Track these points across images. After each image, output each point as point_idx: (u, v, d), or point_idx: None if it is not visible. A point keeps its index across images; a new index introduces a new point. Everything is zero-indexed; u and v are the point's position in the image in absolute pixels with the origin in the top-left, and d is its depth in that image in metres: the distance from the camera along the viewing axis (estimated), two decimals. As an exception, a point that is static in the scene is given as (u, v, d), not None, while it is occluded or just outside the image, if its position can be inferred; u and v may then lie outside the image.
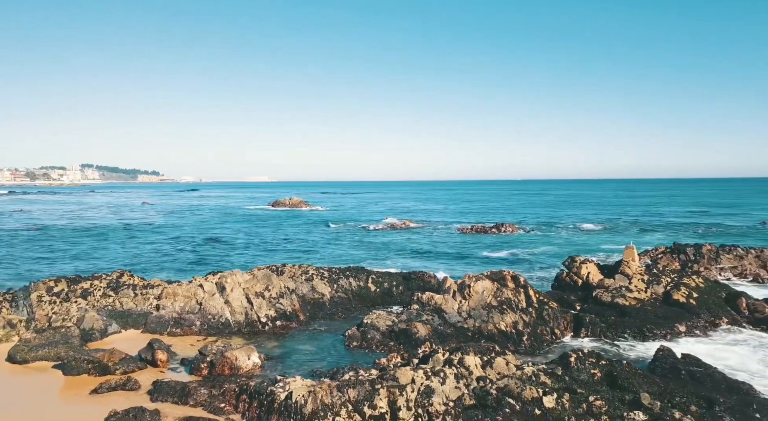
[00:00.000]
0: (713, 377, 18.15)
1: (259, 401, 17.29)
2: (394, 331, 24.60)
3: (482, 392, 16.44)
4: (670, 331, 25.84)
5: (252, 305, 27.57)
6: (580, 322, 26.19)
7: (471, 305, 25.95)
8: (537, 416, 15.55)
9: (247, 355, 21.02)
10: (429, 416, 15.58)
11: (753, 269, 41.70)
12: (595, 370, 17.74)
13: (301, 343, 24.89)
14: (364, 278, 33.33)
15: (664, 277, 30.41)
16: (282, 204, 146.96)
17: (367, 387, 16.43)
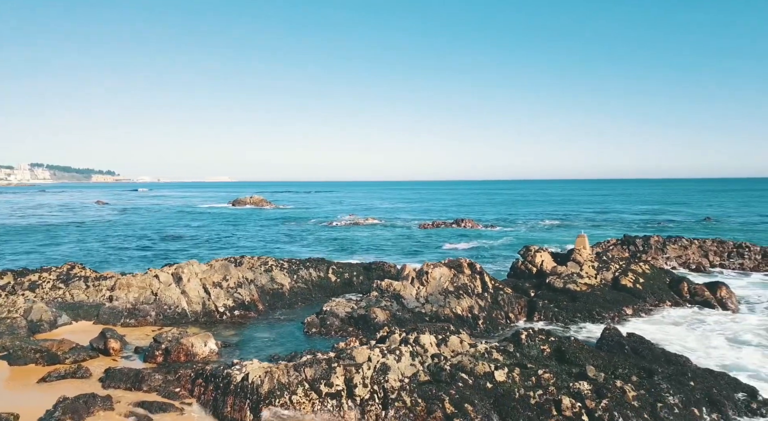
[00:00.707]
0: (654, 352, 19.16)
1: (215, 384, 17.19)
2: (353, 317, 24.83)
3: (436, 369, 16.86)
4: (617, 313, 27.03)
5: (209, 295, 27.26)
6: (534, 306, 27.07)
7: (429, 291, 26.45)
8: (488, 389, 16.08)
9: (204, 341, 20.83)
10: (384, 392, 15.87)
11: (696, 258, 43.93)
12: (545, 346, 18.44)
13: (260, 331, 24.81)
14: (325, 268, 33.41)
15: (613, 264, 31.74)
16: (243, 202, 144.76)
17: (323, 366, 16.60)
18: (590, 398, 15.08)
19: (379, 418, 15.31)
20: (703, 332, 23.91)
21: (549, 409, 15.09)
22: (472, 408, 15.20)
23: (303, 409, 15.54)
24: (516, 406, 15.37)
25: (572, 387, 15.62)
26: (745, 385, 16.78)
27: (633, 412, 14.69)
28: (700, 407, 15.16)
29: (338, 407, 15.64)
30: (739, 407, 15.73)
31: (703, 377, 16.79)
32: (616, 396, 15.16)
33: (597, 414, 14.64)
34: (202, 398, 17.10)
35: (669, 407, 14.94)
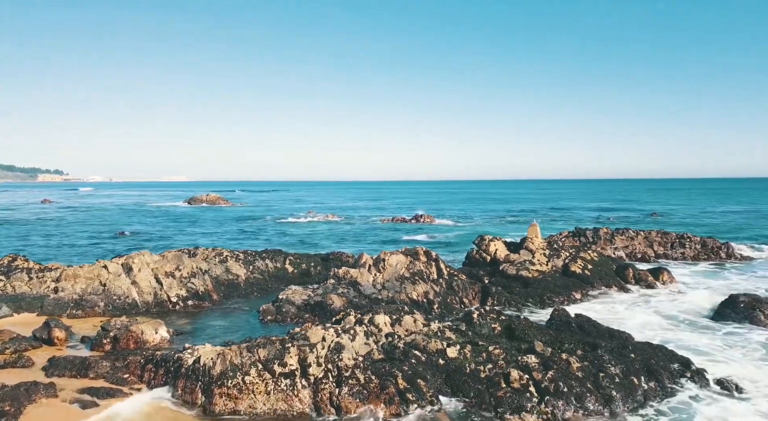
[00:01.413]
0: (599, 329, 20.00)
1: (165, 368, 16.88)
2: (310, 304, 24.79)
3: (390, 347, 17.09)
4: (567, 298, 28.02)
5: (161, 286, 26.61)
6: (487, 292, 27.72)
7: (385, 278, 26.69)
8: (440, 365, 16.44)
9: (155, 329, 20.35)
10: (338, 370, 15.96)
11: (641, 248, 45.97)
12: (495, 324, 18.97)
13: (214, 319, 24.43)
14: (281, 259, 33.16)
15: (564, 251, 32.86)
16: (199, 201, 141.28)
17: (277, 346, 16.55)
18: (537, 371, 15.64)
19: (333, 395, 15.39)
20: (646, 312, 25.12)
21: (498, 382, 15.57)
22: (425, 383, 15.51)
23: (256, 389, 15.46)
24: (467, 380, 15.78)
25: (521, 361, 16.15)
26: (681, 356, 17.76)
27: (577, 382, 15.33)
28: (639, 376, 15.95)
29: (292, 386, 15.63)
30: (674, 375, 16.65)
31: (642, 349, 17.67)
32: (562, 368, 15.78)
33: (543, 385, 15.20)
34: (152, 383, 16.74)
35: (610, 376, 15.67)
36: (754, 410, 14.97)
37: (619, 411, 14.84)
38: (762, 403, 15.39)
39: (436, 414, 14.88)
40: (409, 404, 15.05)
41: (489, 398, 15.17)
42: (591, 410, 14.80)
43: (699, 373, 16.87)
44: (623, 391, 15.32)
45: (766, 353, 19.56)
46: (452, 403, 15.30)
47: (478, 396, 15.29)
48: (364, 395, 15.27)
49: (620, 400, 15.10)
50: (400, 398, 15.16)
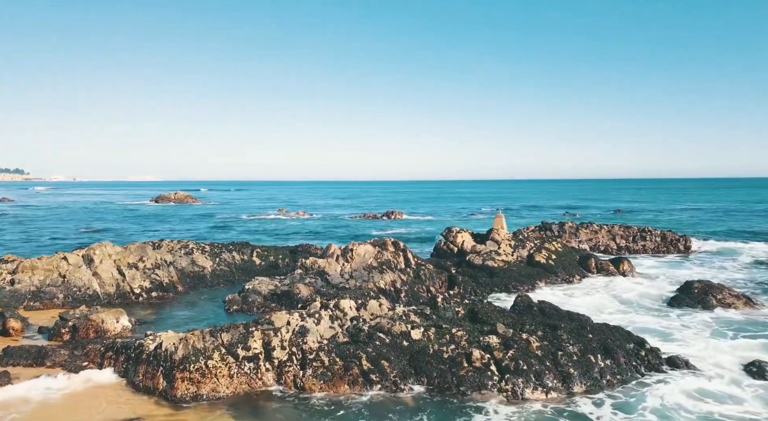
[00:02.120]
0: (559, 312, 20.54)
1: (126, 355, 16.61)
2: (277, 294, 24.68)
3: (355, 330, 17.19)
4: (531, 286, 28.64)
5: (124, 277, 26.09)
6: (454, 281, 28.10)
7: (353, 267, 26.77)
8: (404, 347, 16.62)
9: (116, 318, 19.97)
10: (303, 353, 15.99)
11: (604, 241, 47.23)
12: (459, 308, 19.27)
13: (179, 310, 24.09)
14: (249, 251, 32.89)
15: (529, 242, 33.54)
16: (167, 199, 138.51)
17: (241, 330, 16.47)
18: (498, 350, 15.98)
19: (297, 378, 15.41)
20: (606, 298, 25.88)
21: (461, 361, 15.84)
22: (388, 364, 15.67)
23: (219, 373, 15.35)
24: (430, 360, 16.01)
25: (482, 341, 16.47)
26: (636, 336, 18.37)
27: (536, 360, 15.73)
28: (595, 355, 16.45)
29: (256, 370, 15.59)
30: (630, 354, 17.21)
31: (600, 330, 18.23)
32: (522, 347, 16.16)
33: (504, 363, 15.55)
34: (113, 370, 16.44)
35: (568, 354, 16.12)
36: (702, 384, 15.63)
37: (576, 388, 15.30)
38: (710, 377, 16.09)
39: (399, 394, 15.06)
40: (373, 385, 15.20)
41: (451, 378, 15.42)
42: (550, 386, 15.20)
43: (653, 351, 17.49)
44: (581, 368, 15.78)
45: (715, 333, 20.43)
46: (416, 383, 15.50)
47: (441, 376, 15.52)
48: (328, 377, 15.34)
49: (578, 377, 15.55)
50: (363, 378, 15.29)
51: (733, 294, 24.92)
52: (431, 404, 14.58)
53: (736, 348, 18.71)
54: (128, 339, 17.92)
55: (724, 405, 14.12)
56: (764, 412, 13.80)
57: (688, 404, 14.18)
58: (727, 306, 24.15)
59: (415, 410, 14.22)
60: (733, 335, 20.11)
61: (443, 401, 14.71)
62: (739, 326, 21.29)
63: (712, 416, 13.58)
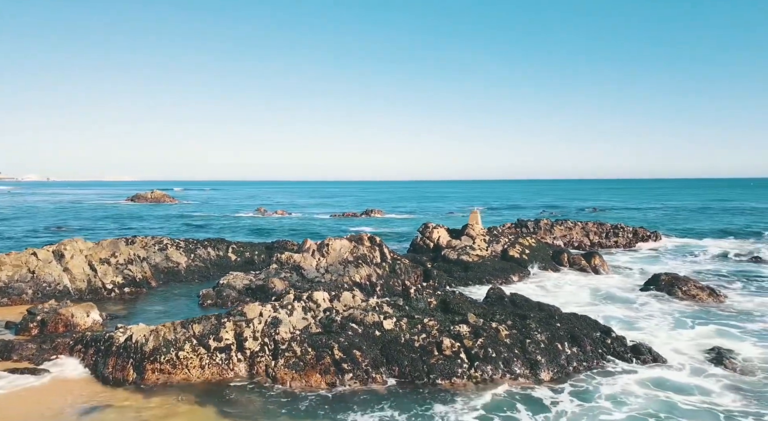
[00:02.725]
0: (530, 303, 20.94)
1: (95, 348, 16.47)
2: (251, 288, 24.64)
3: (328, 321, 17.31)
4: (505, 279, 29.08)
5: (96, 272, 25.75)
6: (429, 275, 28.39)
7: (329, 262, 26.86)
8: (377, 337, 16.80)
9: (86, 312, 19.74)
10: (275, 343, 16.06)
11: (578, 237, 48.10)
12: (431, 299, 19.53)
13: (152, 304, 23.88)
14: (224, 247, 32.71)
15: (503, 237, 34.04)
16: (143, 198, 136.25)
17: (213, 322, 16.47)
18: (468, 338, 16.27)
19: (269, 367, 15.48)
20: (577, 290, 26.47)
21: (431, 350, 16.09)
22: (360, 353, 15.83)
23: (190, 363, 15.34)
24: (401, 349, 16.21)
25: (453, 330, 16.74)
26: (603, 326, 18.86)
27: (505, 348, 16.06)
28: (563, 342, 16.86)
29: (227, 360, 15.61)
30: (596, 342, 17.67)
31: (568, 319, 18.66)
32: (491, 335, 16.49)
33: (473, 351, 15.85)
34: (82, 363, 16.29)
35: (536, 342, 16.49)
36: (663, 371, 16.16)
37: (543, 374, 15.67)
38: (670, 365, 16.64)
39: (371, 383, 15.23)
40: (345, 374, 15.33)
41: (422, 366, 15.66)
42: (518, 373, 15.55)
43: (618, 339, 17.98)
44: (548, 356, 16.16)
45: (678, 322, 21.09)
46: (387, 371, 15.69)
47: (412, 364, 15.74)
48: (300, 367, 15.43)
49: (545, 364, 15.92)
50: (335, 368, 15.42)
51: (698, 286, 25.68)
52: (402, 391, 14.80)
53: (696, 336, 19.34)
54: (98, 333, 17.75)
55: (682, 392, 14.59)
56: (721, 396, 14.33)
57: (645, 391, 14.65)
58: (691, 297, 24.89)
59: (386, 397, 14.41)
60: (695, 325, 20.77)
61: (414, 388, 14.94)
62: (701, 316, 21.99)
63: (668, 401, 14.04)
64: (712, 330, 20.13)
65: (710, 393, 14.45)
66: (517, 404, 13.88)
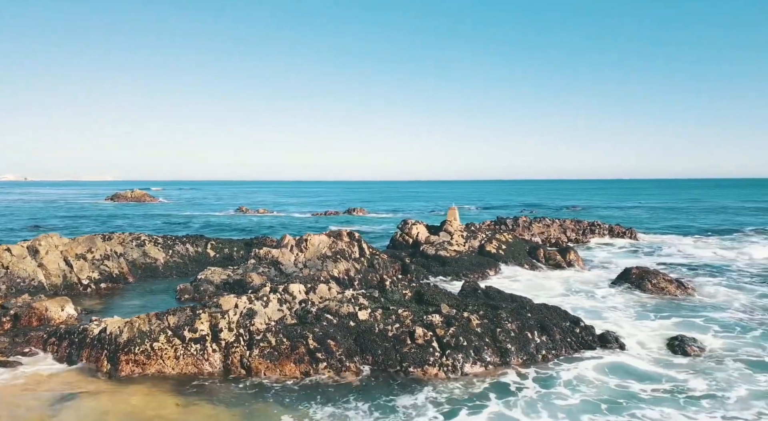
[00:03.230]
0: (502, 295, 21.41)
1: (69, 340, 16.50)
2: (229, 283, 24.74)
3: (303, 312, 17.55)
4: (481, 274, 29.58)
5: (72, 268, 25.61)
6: (407, 269, 28.76)
7: (307, 257, 27.07)
8: (351, 327, 17.07)
9: (60, 306, 19.68)
10: (250, 334, 16.25)
11: (556, 234, 48.97)
12: (406, 291, 19.89)
13: (129, 299, 23.86)
14: (203, 244, 32.68)
15: (480, 233, 34.57)
16: (123, 197, 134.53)
17: (188, 313, 16.60)
18: (440, 327, 16.65)
19: (244, 357, 15.67)
20: (550, 284, 27.06)
21: (404, 339, 16.42)
22: (335, 343, 16.10)
23: (165, 354, 15.46)
24: (375, 339, 16.52)
25: (426, 320, 17.10)
26: (572, 316, 19.38)
27: (476, 336, 16.47)
28: (532, 331, 17.33)
29: (202, 351, 15.76)
30: (565, 331, 18.18)
31: (539, 310, 19.14)
32: (463, 324, 16.88)
33: (445, 340, 16.22)
34: (56, 356, 16.31)
35: (507, 331, 16.94)
36: (629, 356, 16.74)
37: (513, 361, 16.11)
38: (635, 351, 17.26)
39: (344, 372, 15.52)
40: (319, 363, 15.60)
41: (395, 355, 15.98)
42: (488, 361, 15.97)
43: (586, 329, 18.51)
44: (518, 344, 16.61)
45: (644, 313, 21.78)
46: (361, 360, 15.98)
47: (385, 353, 16.05)
48: (274, 356, 15.65)
49: (515, 352, 16.38)
50: (309, 357, 15.68)
51: (667, 279, 26.44)
52: (375, 379, 15.12)
53: (660, 327, 19.97)
54: (73, 326, 17.74)
55: (642, 377, 15.08)
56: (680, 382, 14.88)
57: (605, 377, 15.13)
58: (660, 290, 25.62)
59: (360, 386, 14.72)
60: (660, 316, 21.44)
61: (387, 376, 15.27)
62: (667, 308, 22.71)
63: (626, 386, 14.52)
64: (676, 321, 20.80)
65: (670, 379, 15.00)
66: (483, 389, 14.29)
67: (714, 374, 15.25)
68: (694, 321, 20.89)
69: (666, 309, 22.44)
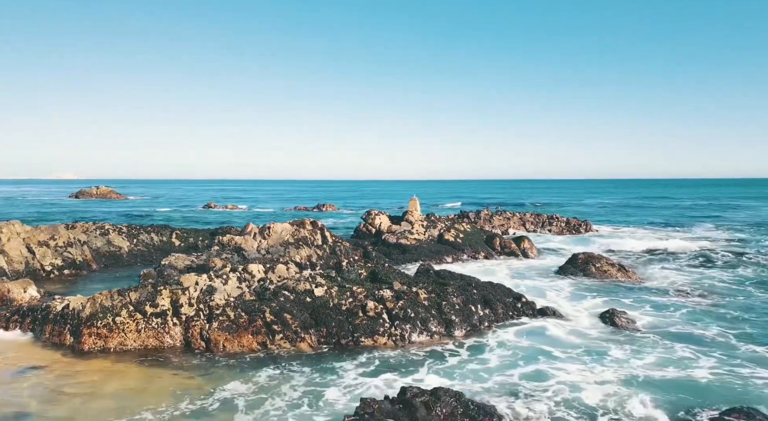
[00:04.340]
0: (453, 275, 22.72)
1: (32, 317, 17.06)
2: (193, 268, 25.39)
3: (262, 289, 18.49)
4: (439, 261, 30.94)
5: (34, 255, 25.86)
6: (368, 256, 29.88)
7: (270, 243, 27.94)
8: (307, 303, 18.10)
9: (23, 288, 20.11)
10: (210, 309, 17.11)
11: (516, 226, 50.91)
12: (362, 270, 21.01)
13: (92, 284, 24.27)
14: (168, 233, 33.14)
15: (440, 223, 35.98)
16: (88, 194, 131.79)
17: (149, 289, 17.35)
18: (390, 301, 17.83)
19: (204, 330, 16.53)
20: (503, 268, 28.63)
21: (357, 312, 17.54)
22: (291, 316, 17.11)
23: (126, 328, 16.20)
24: (330, 313, 17.59)
25: (377, 295, 18.26)
26: (516, 292, 20.87)
27: (423, 309, 17.72)
28: (476, 305, 18.69)
29: (163, 324, 16.55)
30: (507, 306, 19.62)
31: (484, 286, 20.54)
32: (411, 298, 18.11)
33: (394, 312, 17.41)
34: (19, 333, 16.84)
35: (452, 304, 18.24)
36: (563, 326, 18.25)
37: (457, 332, 17.42)
38: (571, 322, 18.79)
39: (299, 342, 16.55)
40: (275, 335, 16.58)
41: (348, 326, 17.09)
42: (434, 331, 17.23)
43: (528, 304, 20.00)
44: (462, 316, 17.94)
45: (583, 293, 23.47)
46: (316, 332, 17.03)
47: (339, 325, 17.14)
48: (233, 329, 16.56)
49: (459, 323, 17.68)
50: (267, 329, 16.65)
51: (609, 263, 28.28)
52: (328, 349, 16.20)
53: (599, 304, 21.57)
54: (36, 304, 18.26)
55: (565, 344, 16.51)
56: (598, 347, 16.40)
57: (531, 342, 16.56)
58: (603, 273, 27.40)
59: (312, 354, 15.77)
60: (600, 295, 23.11)
61: (339, 348, 16.36)
62: (606, 288, 24.44)
63: (549, 348, 15.93)
64: (613, 299, 22.49)
65: (591, 343, 16.52)
66: (422, 355, 15.54)
67: (632, 341, 16.77)
68: (630, 300, 22.54)
69: (605, 289, 24.15)
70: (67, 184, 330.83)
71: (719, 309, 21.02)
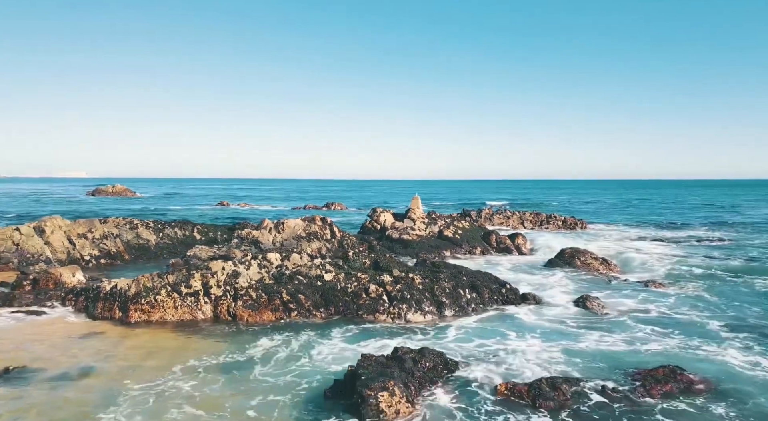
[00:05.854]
0: (447, 265, 25.51)
1: (85, 295, 20.06)
2: (215, 258, 28.34)
3: (279, 274, 21.40)
4: (438, 254, 33.70)
5: (74, 246, 28.97)
6: (373, 249, 32.70)
7: (284, 237, 30.87)
8: (318, 286, 20.98)
9: (72, 272, 23.15)
10: (235, 290, 20.04)
11: (515, 224, 53.55)
12: (366, 260, 23.86)
13: (127, 273, 27.28)
14: (190, 228, 36.17)
15: (440, 220, 38.74)
16: (104, 192, 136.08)
17: (184, 273, 20.31)
18: (389, 285, 20.66)
19: (230, 307, 19.45)
20: (496, 261, 31.32)
21: (361, 294, 20.40)
22: (304, 297, 20.00)
23: (166, 305, 19.16)
24: (337, 294, 20.46)
25: (378, 279, 21.10)
26: (501, 280, 23.56)
27: (418, 291, 20.52)
28: (464, 289, 21.46)
29: (196, 303, 19.49)
30: (493, 291, 22.35)
31: (473, 274, 23.29)
32: (408, 283, 20.92)
33: (393, 294, 20.24)
34: (74, 309, 19.86)
35: (443, 288, 21.02)
36: (544, 310, 20.93)
37: (447, 312, 20.19)
38: (548, 306, 21.47)
39: (311, 318, 19.42)
40: (291, 312, 19.48)
41: (353, 306, 19.95)
42: (426, 310, 20.01)
43: (512, 290, 22.71)
44: (451, 298, 20.70)
45: (564, 282, 26.10)
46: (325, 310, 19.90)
47: (345, 305, 20.01)
48: (255, 307, 19.47)
49: (449, 304, 20.45)
50: (283, 307, 19.55)
51: (593, 256, 30.91)
52: (336, 323, 19.05)
53: (577, 291, 24.23)
54: (87, 286, 21.27)
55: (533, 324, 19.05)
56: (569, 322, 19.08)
57: (509, 320, 19.27)
58: (587, 266, 30.04)
59: (323, 327, 18.61)
60: (580, 284, 25.75)
61: (345, 321, 19.21)
62: (586, 279, 27.05)
63: (521, 326, 18.56)
64: (589, 287, 25.10)
65: (557, 322, 19.15)
66: (413, 328, 18.36)
67: (596, 322, 19.34)
68: (607, 289, 25.09)
69: (584, 280, 26.77)
70: (80, 182, 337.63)
71: (694, 300, 22.51)
